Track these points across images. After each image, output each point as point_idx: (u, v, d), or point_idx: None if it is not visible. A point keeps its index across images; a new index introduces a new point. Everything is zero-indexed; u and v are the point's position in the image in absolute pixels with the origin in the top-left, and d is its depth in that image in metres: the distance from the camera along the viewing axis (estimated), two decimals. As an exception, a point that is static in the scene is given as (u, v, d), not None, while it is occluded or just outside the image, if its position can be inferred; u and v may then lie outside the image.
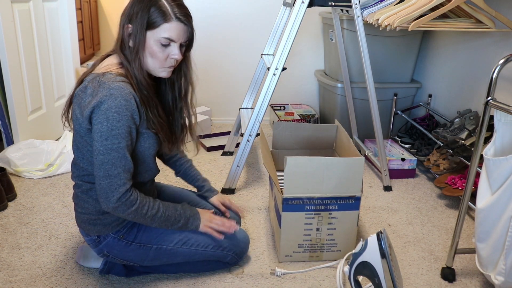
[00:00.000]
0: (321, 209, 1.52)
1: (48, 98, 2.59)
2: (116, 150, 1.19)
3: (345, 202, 1.53)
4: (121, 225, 1.36)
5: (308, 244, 1.57)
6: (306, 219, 1.53)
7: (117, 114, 1.17)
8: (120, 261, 1.40)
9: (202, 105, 3.27)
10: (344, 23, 2.54)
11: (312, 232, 1.55)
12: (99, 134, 1.18)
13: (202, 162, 2.47)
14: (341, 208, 1.53)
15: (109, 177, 1.19)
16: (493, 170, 1.29)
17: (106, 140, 1.18)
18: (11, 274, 1.46)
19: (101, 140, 1.18)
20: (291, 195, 1.49)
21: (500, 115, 1.31)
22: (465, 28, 1.97)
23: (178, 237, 1.40)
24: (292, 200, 1.49)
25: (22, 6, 2.29)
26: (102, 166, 1.19)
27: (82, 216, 1.35)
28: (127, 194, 1.22)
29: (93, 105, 1.18)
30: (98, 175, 1.20)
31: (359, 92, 2.66)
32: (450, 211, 2.01)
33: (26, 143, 2.24)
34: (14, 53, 2.22)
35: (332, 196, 1.51)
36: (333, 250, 1.59)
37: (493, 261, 1.33)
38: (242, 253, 1.52)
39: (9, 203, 1.92)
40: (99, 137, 1.19)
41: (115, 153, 1.19)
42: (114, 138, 1.19)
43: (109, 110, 1.17)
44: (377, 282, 1.20)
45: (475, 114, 2.10)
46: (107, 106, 1.17)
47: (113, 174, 1.20)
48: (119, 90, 1.18)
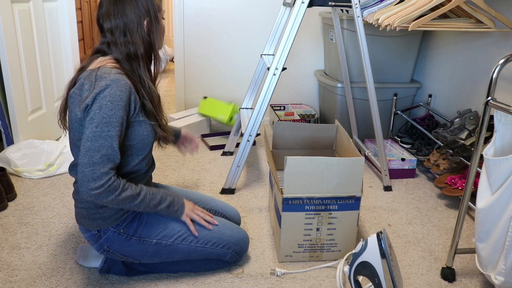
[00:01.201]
0: (321, 209, 1.52)
1: (48, 98, 2.59)
2: (105, 138, 1.19)
3: (345, 202, 1.53)
4: (120, 219, 1.36)
5: (308, 244, 1.57)
6: (306, 219, 1.53)
7: (111, 103, 1.19)
8: (120, 257, 1.40)
9: (202, 105, 3.27)
10: (344, 23, 2.54)
11: (312, 232, 1.55)
12: (90, 121, 1.19)
13: (202, 162, 2.47)
14: (341, 208, 1.53)
15: (93, 164, 1.18)
16: (493, 170, 1.29)
17: (96, 127, 1.19)
18: (11, 274, 1.46)
19: (91, 126, 1.19)
20: (291, 195, 1.49)
21: (500, 115, 1.31)
22: (465, 28, 1.97)
23: (178, 233, 1.40)
24: (292, 200, 1.49)
25: (22, 6, 2.29)
26: (87, 153, 1.19)
27: (82, 211, 1.35)
28: (109, 181, 1.20)
29: (91, 96, 1.20)
30: (82, 162, 1.19)
31: (359, 92, 2.66)
32: (450, 211, 2.01)
33: (26, 143, 2.24)
34: (14, 53, 2.22)
35: (332, 196, 1.51)
36: (333, 250, 1.59)
37: (493, 261, 1.33)
38: (241, 252, 1.52)
39: (9, 203, 1.92)
40: (90, 124, 1.19)
41: (102, 141, 1.19)
42: (104, 126, 1.19)
43: (103, 99, 1.19)
44: (377, 282, 1.20)
45: (475, 114, 2.10)
46: (102, 95, 1.19)
47: (97, 162, 1.18)
48: (115, 82, 1.20)
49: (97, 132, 1.19)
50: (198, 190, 2.11)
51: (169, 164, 2.40)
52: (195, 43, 3.11)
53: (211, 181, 2.22)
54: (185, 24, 3.07)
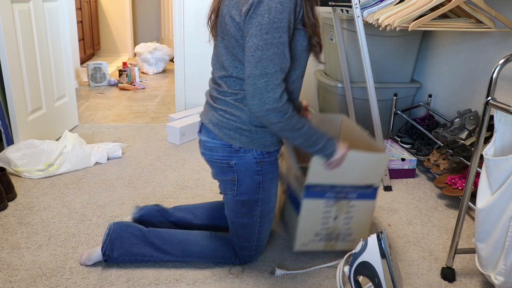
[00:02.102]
0: (341, 196, 1.51)
1: (48, 98, 2.59)
2: (276, 45, 1.10)
3: (364, 191, 1.52)
4: (266, 149, 1.32)
5: (325, 233, 1.56)
6: (325, 207, 1.51)
7: (280, 5, 1.09)
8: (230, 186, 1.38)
9: (202, 105, 3.27)
10: (344, 23, 2.54)
11: (330, 220, 1.54)
12: (258, 28, 1.09)
13: (202, 161, 2.47)
14: (359, 197, 1.53)
15: (266, 75, 1.10)
16: (493, 170, 1.29)
17: (267, 34, 1.09)
18: (11, 274, 1.46)
19: (260, 34, 1.09)
20: (313, 182, 1.46)
21: (500, 115, 1.31)
22: (465, 28, 1.97)
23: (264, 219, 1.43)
24: (314, 187, 1.47)
25: (22, 6, 2.29)
26: (259, 64, 1.10)
27: (232, 124, 1.28)
28: (283, 97, 1.13)
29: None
30: (253, 73, 1.11)
31: (359, 92, 2.66)
32: (450, 211, 2.01)
33: (26, 143, 2.24)
34: (14, 53, 2.22)
35: (352, 185, 1.50)
36: (347, 240, 1.59)
37: (493, 261, 1.33)
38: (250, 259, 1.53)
39: (9, 203, 1.92)
40: (258, 31, 1.09)
41: (275, 49, 1.10)
42: (275, 32, 1.09)
43: (271, 1, 1.08)
44: (377, 282, 1.20)
45: (475, 114, 2.10)
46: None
47: (270, 72, 1.10)
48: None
49: (268, 39, 1.09)
50: (198, 190, 2.11)
51: (169, 164, 2.40)
52: (195, 43, 3.11)
53: (211, 181, 2.22)
54: (185, 24, 3.07)
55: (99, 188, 2.09)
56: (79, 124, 3.05)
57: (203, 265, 1.54)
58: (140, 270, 1.50)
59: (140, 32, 6.22)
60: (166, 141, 2.78)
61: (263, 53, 1.10)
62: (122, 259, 1.49)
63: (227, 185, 1.40)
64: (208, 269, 1.52)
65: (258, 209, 1.41)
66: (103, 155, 2.37)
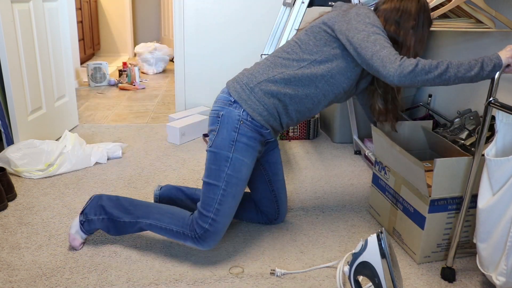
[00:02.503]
0: (461, 207, 1.52)
1: (48, 98, 2.59)
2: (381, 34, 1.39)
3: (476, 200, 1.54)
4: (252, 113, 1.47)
5: (445, 244, 1.59)
6: (447, 219, 1.55)
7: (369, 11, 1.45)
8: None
9: (202, 105, 3.27)
10: (344, 23, 2.53)
11: (451, 231, 1.57)
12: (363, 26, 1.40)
13: (202, 161, 2.47)
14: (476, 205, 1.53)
15: (385, 47, 1.34)
16: (495, 171, 1.29)
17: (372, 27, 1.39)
18: (11, 274, 1.46)
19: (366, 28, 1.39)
20: (437, 196, 1.50)
21: (502, 116, 1.31)
22: (465, 28, 1.97)
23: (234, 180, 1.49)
24: (438, 202, 1.51)
25: (22, 6, 2.29)
26: (376, 42, 1.35)
27: (244, 79, 1.51)
28: (404, 57, 1.33)
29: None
30: (374, 50, 1.35)
31: (359, 92, 2.65)
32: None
33: (26, 143, 2.24)
34: (14, 53, 2.22)
35: (472, 194, 1.50)
36: (465, 247, 1.63)
37: (494, 261, 1.33)
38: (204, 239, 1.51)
39: (9, 203, 1.92)
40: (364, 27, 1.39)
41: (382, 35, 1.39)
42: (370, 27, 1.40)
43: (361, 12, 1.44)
44: (377, 282, 1.20)
45: (475, 114, 2.10)
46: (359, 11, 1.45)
47: (387, 46, 1.35)
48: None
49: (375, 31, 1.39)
50: (198, 190, 2.11)
51: (169, 164, 2.40)
52: (195, 43, 3.12)
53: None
54: (185, 24, 3.07)
55: (99, 188, 2.08)
56: (79, 124, 3.05)
57: (201, 264, 1.54)
58: (140, 270, 1.50)
59: (140, 32, 6.22)
60: (166, 141, 2.78)
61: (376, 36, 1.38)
62: (96, 218, 1.56)
63: (210, 137, 1.52)
64: (208, 269, 1.52)
65: (226, 171, 1.46)
66: (103, 155, 2.37)
